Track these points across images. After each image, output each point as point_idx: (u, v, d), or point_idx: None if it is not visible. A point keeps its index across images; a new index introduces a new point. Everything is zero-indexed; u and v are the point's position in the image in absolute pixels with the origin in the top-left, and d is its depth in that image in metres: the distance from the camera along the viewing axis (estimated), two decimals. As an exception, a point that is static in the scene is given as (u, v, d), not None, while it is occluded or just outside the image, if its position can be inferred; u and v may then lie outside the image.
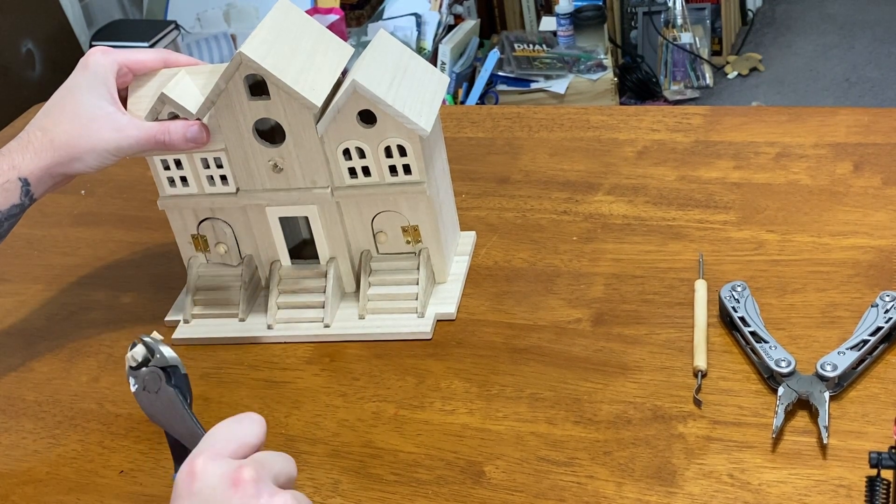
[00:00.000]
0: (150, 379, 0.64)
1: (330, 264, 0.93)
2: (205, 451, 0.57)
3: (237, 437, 0.58)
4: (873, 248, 0.91)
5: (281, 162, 0.89)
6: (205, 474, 0.55)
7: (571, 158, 1.12)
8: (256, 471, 0.55)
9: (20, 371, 0.95)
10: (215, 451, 0.57)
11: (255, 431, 0.59)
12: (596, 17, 2.92)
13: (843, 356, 0.77)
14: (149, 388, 0.64)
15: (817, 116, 1.12)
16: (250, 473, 0.55)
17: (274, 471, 0.57)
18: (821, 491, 0.70)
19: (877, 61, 3.09)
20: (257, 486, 0.55)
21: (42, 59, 2.68)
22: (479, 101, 2.87)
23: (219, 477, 0.55)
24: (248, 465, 0.55)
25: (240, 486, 0.54)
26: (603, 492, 0.73)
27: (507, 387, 0.83)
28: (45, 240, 1.15)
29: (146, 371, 0.64)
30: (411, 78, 0.89)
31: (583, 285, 0.93)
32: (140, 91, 0.91)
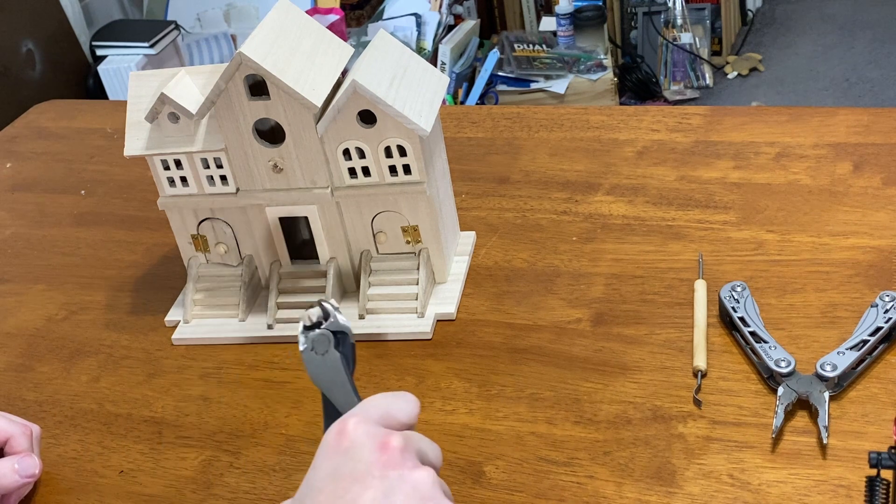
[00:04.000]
0: (319, 341, 0.66)
1: (330, 264, 0.93)
2: (357, 414, 0.59)
3: (390, 411, 0.60)
4: (873, 248, 0.91)
5: (281, 162, 0.89)
6: (355, 434, 0.57)
7: (571, 158, 1.12)
8: (405, 441, 0.57)
9: (20, 371, 0.95)
10: (367, 416, 0.59)
11: (408, 410, 0.61)
12: (596, 17, 2.92)
13: (842, 356, 0.77)
14: (317, 349, 0.66)
15: (817, 116, 1.12)
16: (398, 441, 0.57)
17: (421, 447, 0.59)
18: (820, 491, 0.70)
19: (877, 61, 3.09)
20: (402, 455, 0.56)
21: (42, 59, 2.68)
22: (479, 101, 2.87)
23: (368, 438, 0.57)
24: (398, 434, 0.57)
25: (386, 451, 0.56)
26: (603, 492, 0.73)
27: (506, 387, 0.83)
28: (45, 240, 1.15)
29: (317, 333, 0.66)
30: (411, 78, 0.89)
31: (583, 285, 0.93)
32: (140, 91, 0.91)
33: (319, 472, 0.57)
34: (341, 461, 0.56)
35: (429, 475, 0.56)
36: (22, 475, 0.77)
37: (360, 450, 0.56)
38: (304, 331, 0.66)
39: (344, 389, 0.65)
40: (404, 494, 0.55)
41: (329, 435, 0.58)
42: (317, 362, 0.66)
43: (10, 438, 0.79)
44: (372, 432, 0.57)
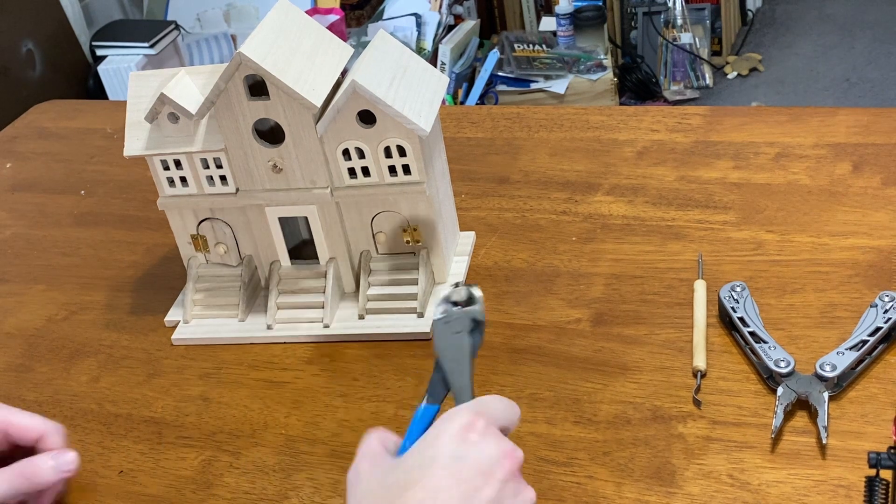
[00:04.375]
0: (459, 319, 0.67)
1: (329, 264, 0.93)
2: (485, 415, 0.62)
3: (507, 417, 0.65)
4: (873, 248, 0.91)
5: (280, 162, 0.89)
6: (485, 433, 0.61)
7: (571, 158, 1.12)
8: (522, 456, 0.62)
9: (20, 371, 0.95)
10: (492, 418, 0.63)
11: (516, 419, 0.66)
12: (596, 18, 2.92)
13: (842, 356, 0.77)
14: (453, 326, 0.67)
15: (817, 116, 1.12)
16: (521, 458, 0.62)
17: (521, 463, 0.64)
18: (820, 491, 0.70)
19: (877, 61, 3.10)
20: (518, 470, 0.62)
21: (42, 59, 2.68)
22: (478, 101, 2.87)
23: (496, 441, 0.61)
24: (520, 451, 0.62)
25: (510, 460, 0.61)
26: (602, 492, 0.73)
27: (506, 387, 0.83)
28: (45, 240, 1.15)
29: (461, 311, 0.68)
30: (411, 78, 0.89)
31: (582, 285, 0.93)
32: (140, 91, 0.91)
33: (442, 450, 0.60)
34: (468, 450, 0.60)
35: (534, 496, 0.62)
36: (59, 470, 0.75)
37: (488, 448, 0.60)
38: (447, 303, 0.68)
39: (462, 373, 0.67)
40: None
41: (453, 424, 0.61)
42: (447, 337, 0.67)
43: (44, 435, 0.78)
44: (498, 437, 0.62)
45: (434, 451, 0.60)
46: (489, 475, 0.59)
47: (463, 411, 0.63)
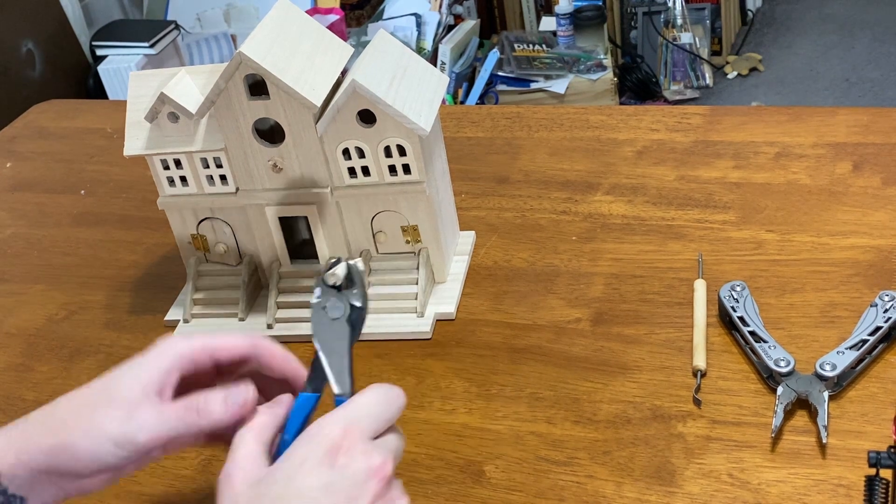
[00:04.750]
0: (334, 306, 0.64)
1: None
2: (351, 428, 0.60)
3: (381, 417, 0.62)
4: (873, 247, 0.91)
5: (280, 162, 0.89)
6: (351, 453, 0.59)
7: (571, 158, 1.12)
8: (394, 465, 0.60)
9: (20, 371, 0.95)
10: (362, 431, 0.60)
11: (396, 410, 0.63)
12: (596, 17, 2.92)
13: (842, 356, 0.77)
14: (329, 311, 0.64)
15: (817, 116, 1.12)
16: (390, 470, 0.60)
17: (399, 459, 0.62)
18: (820, 490, 0.70)
19: (877, 61, 3.10)
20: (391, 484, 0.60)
21: (42, 59, 2.68)
22: (478, 101, 2.87)
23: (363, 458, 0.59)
24: (390, 460, 0.60)
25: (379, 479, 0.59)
26: (602, 491, 0.73)
27: (506, 386, 0.83)
28: (45, 240, 1.15)
29: (337, 296, 0.64)
30: (411, 78, 0.89)
31: (582, 285, 0.93)
32: (140, 91, 0.91)
33: (311, 481, 0.58)
34: (336, 477, 0.58)
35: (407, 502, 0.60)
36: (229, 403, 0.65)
37: (356, 471, 0.58)
38: (324, 285, 0.65)
39: (341, 361, 0.64)
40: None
41: (320, 445, 0.59)
42: (324, 323, 0.65)
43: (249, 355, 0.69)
44: (367, 452, 0.59)
45: (303, 482, 0.58)
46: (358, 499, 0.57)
47: (329, 427, 0.60)
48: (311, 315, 0.65)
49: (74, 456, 0.63)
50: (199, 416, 0.65)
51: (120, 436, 0.63)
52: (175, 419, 0.64)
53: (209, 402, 0.65)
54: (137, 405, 0.64)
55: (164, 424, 0.64)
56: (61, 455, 0.63)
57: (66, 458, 0.63)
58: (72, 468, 0.63)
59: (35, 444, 0.63)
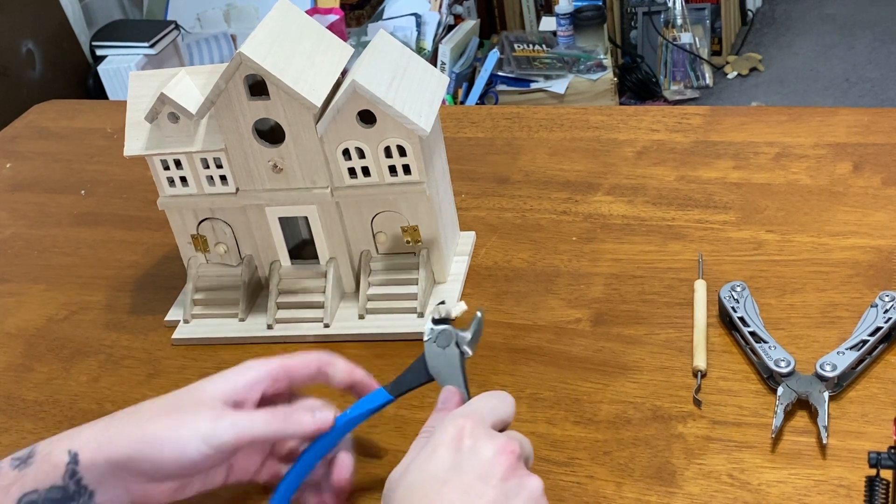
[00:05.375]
0: (444, 335, 0.73)
1: (330, 264, 0.93)
2: (471, 417, 0.63)
3: (498, 413, 0.66)
4: (873, 248, 0.91)
5: (281, 162, 0.89)
6: (475, 436, 0.62)
7: (571, 158, 1.12)
8: (520, 448, 0.63)
9: (20, 371, 0.95)
10: (482, 419, 0.64)
11: (510, 411, 0.67)
12: (596, 17, 2.92)
13: (842, 356, 0.77)
14: (439, 342, 0.73)
15: (817, 116, 1.12)
16: (516, 448, 0.62)
17: (527, 451, 0.65)
18: (820, 491, 0.70)
19: (877, 61, 3.10)
20: (518, 462, 0.62)
21: (42, 59, 2.68)
22: (478, 101, 2.88)
23: (488, 441, 0.62)
24: (515, 441, 0.63)
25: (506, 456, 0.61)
26: (603, 492, 0.73)
27: (506, 387, 0.83)
28: (45, 240, 1.15)
29: (442, 328, 0.73)
30: (411, 78, 0.89)
31: (582, 285, 0.93)
32: (140, 91, 0.91)
33: (440, 464, 0.61)
34: (464, 458, 0.61)
35: (540, 483, 0.62)
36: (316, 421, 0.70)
37: (483, 450, 0.61)
38: (432, 321, 0.74)
39: (457, 381, 0.72)
40: (522, 500, 0.60)
41: (446, 434, 0.62)
42: (437, 354, 0.73)
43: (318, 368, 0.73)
44: (491, 435, 0.63)
45: (432, 466, 0.61)
46: (488, 477, 0.60)
47: (452, 418, 0.64)
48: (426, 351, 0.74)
49: (160, 449, 0.64)
50: (287, 423, 0.69)
51: (209, 431, 0.65)
52: (263, 423, 0.68)
53: (298, 412, 0.70)
54: (224, 409, 0.68)
55: (252, 426, 0.67)
56: (146, 448, 0.64)
57: (150, 451, 0.64)
58: (152, 464, 0.65)
59: (121, 436, 0.65)
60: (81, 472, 0.64)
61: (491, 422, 0.65)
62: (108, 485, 0.65)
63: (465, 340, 0.73)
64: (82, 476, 0.64)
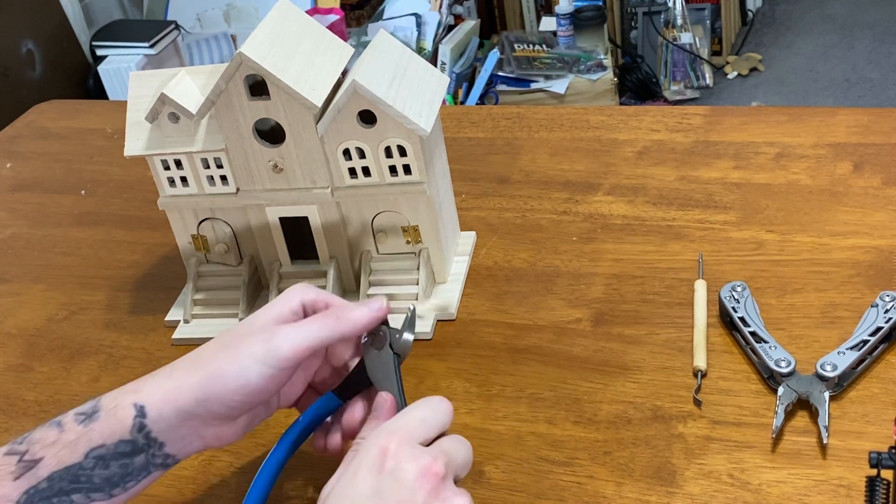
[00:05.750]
0: (378, 336, 0.71)
1: (330, 264, 0.93)
2: (398, 434, 0.61)
3: (429, 426, 0.62)
4: (873, 248, 0.91)
5: (281, 162, 0.89)
6: (398, 456, 0.59)
7: (571, 158, 1.12)
8: (446, 466, 0.60)
9: (20, 371, 0.95)
10: (409, 436, 0.61)
11: (444, 419, 0.63)
12: (596, 18, 2.92)
13: (842, 356, 0.77)
14: (374, 344, 0.71)
15: (817, 116, 1.12)
16: (440, 468, 0.59)
17: (457, 463, 0.62)
18: (821, 491, 0.70)
19: (877, 61, 3.10)
20: (444, 482, 0.59)
21: (42, 59, 2.68)
22: (479, 101, 2.88)
23: (412, 460, 0.59)
24: (440, 459, 0.60)
25: (429, 478, 0.58)
26: (603, 492, 0.73)
27: (507, 387, 0.83)
28: (45, 240, 1.15)
29: (380, 328, 0.71)
30: (411, 78, 0.89)
31: (583, 285, 0.93)
32: (140, 91, 0.91)
33: (361, 488, 0.59)
34: (386, 483, 0.58)
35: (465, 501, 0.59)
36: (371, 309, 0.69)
37: (405, 473, 0.58)
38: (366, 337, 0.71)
39: (392, 387, 0.69)
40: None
41: (370, 452, 0.60)
42: (373, 356, 0.71)
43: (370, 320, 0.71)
44: (415, 455, 0.59)
45: (353, 491, 0.59)
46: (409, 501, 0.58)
47: (377, 436, 0.61)
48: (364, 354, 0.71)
49: (224, 384, 0.65)
50: (340, 321, 0.68)
51: (266, 351, 0.65)
52: (316, 328, 0.67)
53: (348, 308, 0.69)
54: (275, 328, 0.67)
55: (305, 333, 0.67)
56: (211, 387, 0.64)
57: (216, 388, 0.64)
58: (220, 401, 0.65)
59: (185, 381, 0.65)
60: (150, 424, 0.64)
61: (420, 436, 0.61)
62: (178, 433, 0.65)
63: (399, 341, 0.70)
64: (151, 429, 0.64)
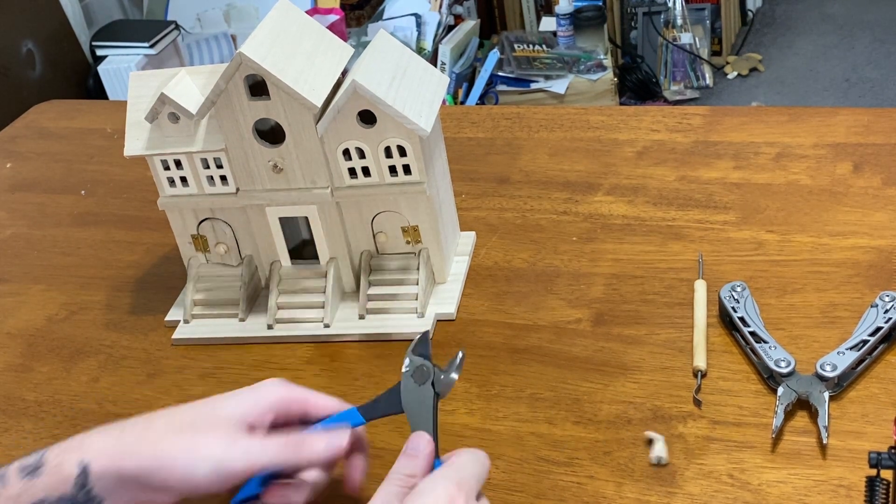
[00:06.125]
0: (422, 371, 0.70)
1: (330, 264, 0.93)
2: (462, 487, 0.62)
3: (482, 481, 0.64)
4: (873, 248, 0.91)
5: (281, 162, 0.89)
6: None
7: (571, 158, 1.12)
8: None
9: (20, 371, 0.95)
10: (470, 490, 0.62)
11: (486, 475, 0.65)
12: (596, 18, 2.92)
13: (842, 356, 0.77)
14: (416, 377, 0.69)
15: (817, 116, 1.12)
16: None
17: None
18: (820, 491, 0.70)
19: (877, 61, 3.10)
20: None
21: (42, 59, 2.68)
22: (479, 101, 2.88)
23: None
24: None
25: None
26: (603, 492, 0.73)
27: (507, 387, 0.83)
28: (45, 240, 1.15)
29: (423, 363, 0.70)
30: (411, 78, 0.89)
31: (583, 285, 0.93)
32: (140, 91, 0.91)
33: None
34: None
35: None
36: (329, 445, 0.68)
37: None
38: (412, 355, 0.70)
39: (427, 423, 0.68)
40: None
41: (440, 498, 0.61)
42: (411, 389, 0.69)
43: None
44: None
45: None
46: None
47: (443, 483, 0.62)
48: (402, 383, 0.70)
49: (170, 472, 0.64)
50: (299, 452, 0.67)
51: (220, 458, 0.65)
52: (274, 452, 0.66)
53: (312, 440, 0.68)
54: (238, 434, 0.66)
55: (264, 454, 0.66)
56: (158, 466, 0.64)
57: (161, 472, 0.64)
58: (162, 481, 0.65)
59: (134, 450, 0.65)
60: (92, 482, 0.64)
61: (475, 491, 0.63)
62: (119, 494, 0.65)
63: (442, 381, 0.70)
64: (92, 487, 0.65)
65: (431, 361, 0.70)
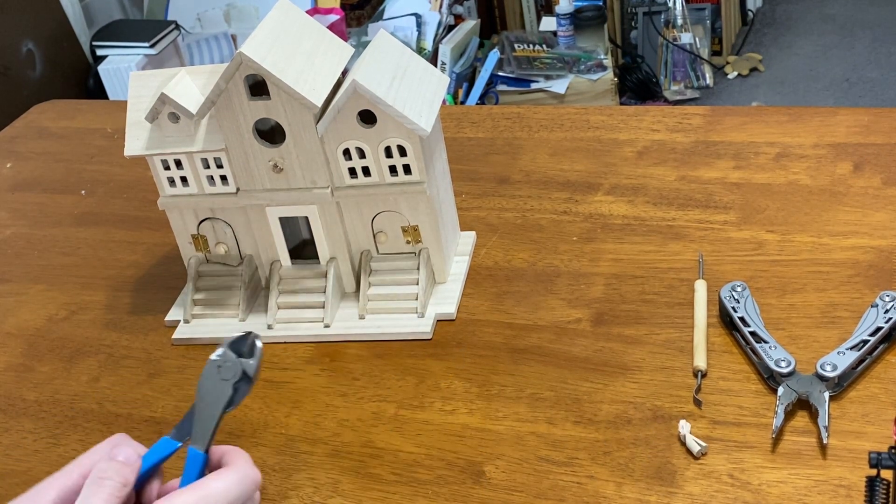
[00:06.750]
0: (229, 368, 0.68)
1: (330, 264, 0.93)
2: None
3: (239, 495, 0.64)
4: (873, 248, 0.91)
5: (281, 162, 0.89)
6: None
7: (571, 158, 1.12)
8: None
9: (20, 371, 0.95)
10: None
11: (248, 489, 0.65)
12: (596, 18, 2.92)
13: (842, 356, 0.77)
14: (222, 372, 0.68)
15: (817, 116, 1.12)
16: None
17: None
18: (820, 491, 0.70)
19: (877, 61, 3.10)
20: None
21: (42, 59, 2.68)
22: (479, 101, 2.88)
23: None
24: None
25: None
26: (603, 492, 0.73)
27: (507, 387, 0.83)
28: (45, 240, 1.15)
29: (235, 361, 0.67)
30: (411, 78, 0.89)
31: (583, 285, 0.93)
32: (140, 91, 0.91)
33: None
34: None
35: None
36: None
37: None
38: (227, 347, 0.68)
39: (209, 421, 0.67)
40: None
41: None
42: (213, 381, 0.68)
43: None
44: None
45: None
46: None
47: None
48: (204, 371, 0.68)
49: None
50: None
51: None
52: None
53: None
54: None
55: None
56: None
57: None
58: None
59: None
60: None
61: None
62: None
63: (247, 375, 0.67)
64: None
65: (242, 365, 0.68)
